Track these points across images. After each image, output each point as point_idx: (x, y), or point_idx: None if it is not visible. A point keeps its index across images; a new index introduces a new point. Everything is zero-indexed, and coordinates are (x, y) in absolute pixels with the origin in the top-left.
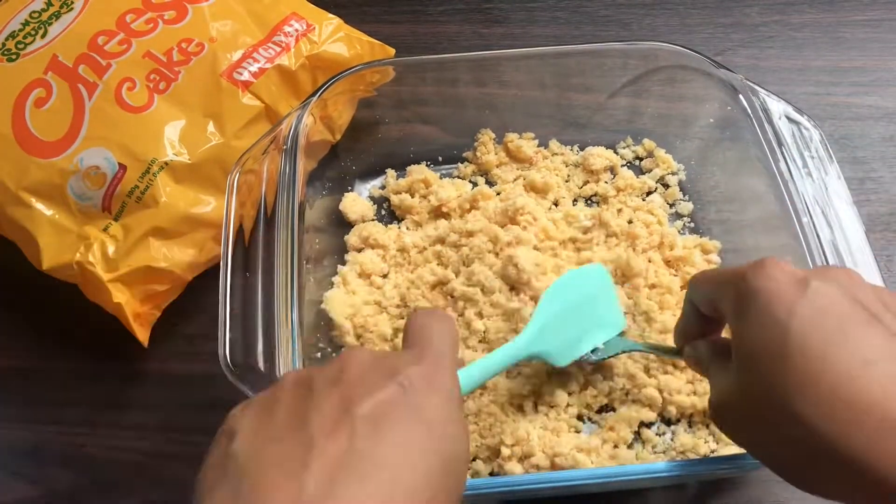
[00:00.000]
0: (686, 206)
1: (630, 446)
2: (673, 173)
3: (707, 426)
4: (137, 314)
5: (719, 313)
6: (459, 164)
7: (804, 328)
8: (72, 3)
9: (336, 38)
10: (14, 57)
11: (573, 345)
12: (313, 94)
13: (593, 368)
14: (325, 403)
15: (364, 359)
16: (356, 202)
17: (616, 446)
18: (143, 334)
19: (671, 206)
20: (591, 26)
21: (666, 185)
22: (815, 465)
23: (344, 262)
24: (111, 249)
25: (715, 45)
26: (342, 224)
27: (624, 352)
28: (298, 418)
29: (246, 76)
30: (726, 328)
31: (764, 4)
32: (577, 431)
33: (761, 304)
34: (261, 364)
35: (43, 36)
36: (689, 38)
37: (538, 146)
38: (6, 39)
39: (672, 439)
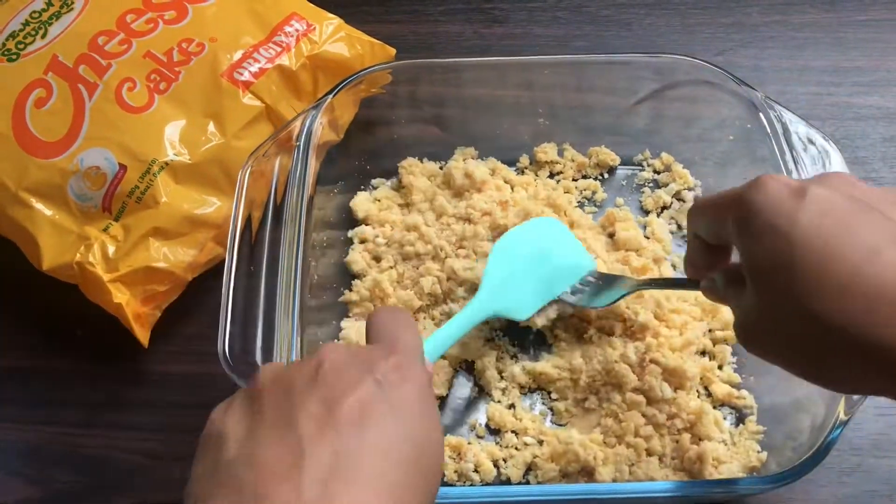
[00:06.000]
0: None
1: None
2: (690, 189)
3: None
4: (138, 314)
5: (724, 239)
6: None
7: (807, 233)
8: (72, 3)
9: (337, 38)
10: (14, 57)
11: (532, 297)
12: (328, 94)
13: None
14: (308, 404)
15: (339, 355)
16: (363, 201)
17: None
18: (143, 335)
19: None
20: (592, 26)
21: (682, 200)
22: (839, 362)
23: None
24: (111, 250)
25: (716, 46)
26: (348, 223)
27: (629, 293)
28: (284, 420)
29: (246, 76)
30: (735, 253)
31: (765, 4)
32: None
33: (763, 220)
34: (258, 359)
35: (43, 36)
36: (689, 39)
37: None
38: (6, 39)
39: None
